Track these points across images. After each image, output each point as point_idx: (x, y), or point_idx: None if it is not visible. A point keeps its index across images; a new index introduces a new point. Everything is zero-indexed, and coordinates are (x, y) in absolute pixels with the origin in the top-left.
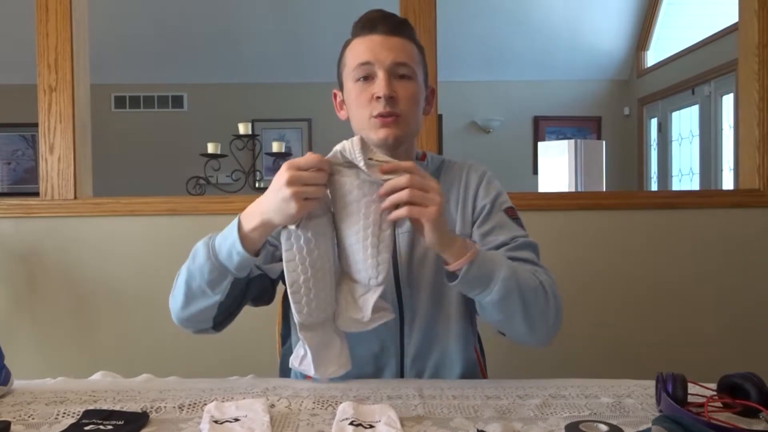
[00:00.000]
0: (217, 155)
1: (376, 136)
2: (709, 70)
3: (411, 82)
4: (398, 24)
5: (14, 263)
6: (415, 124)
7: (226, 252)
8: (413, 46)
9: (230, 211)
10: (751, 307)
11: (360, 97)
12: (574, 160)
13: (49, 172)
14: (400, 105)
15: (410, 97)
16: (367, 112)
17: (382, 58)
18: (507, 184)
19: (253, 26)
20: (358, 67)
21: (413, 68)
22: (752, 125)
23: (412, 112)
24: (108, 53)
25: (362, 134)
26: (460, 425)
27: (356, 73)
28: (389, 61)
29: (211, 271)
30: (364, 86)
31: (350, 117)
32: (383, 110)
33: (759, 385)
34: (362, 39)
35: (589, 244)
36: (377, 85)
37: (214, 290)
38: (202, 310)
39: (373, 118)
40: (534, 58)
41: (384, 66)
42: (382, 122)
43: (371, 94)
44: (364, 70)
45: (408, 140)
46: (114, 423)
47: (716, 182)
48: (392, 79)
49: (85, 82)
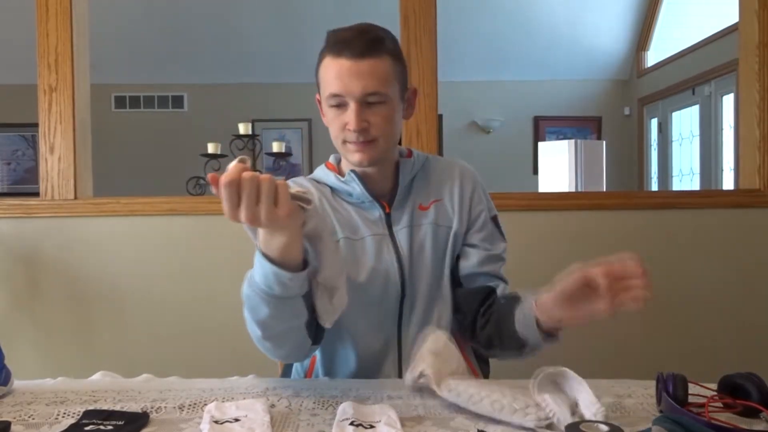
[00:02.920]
0: (217, 155)
1: (352, 159)
2: (710, 70)
3: (383, 107)
4: (368, 44)
5: (14, 263)
6: (392, 141)
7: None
8: (387, 60)
9: None
10: (751, 307)
11: (334, 123)
12: (574, 160)
13: (50, 172)
14: (372, 132)
15: (384, 122)
16: (341, 136)
17: (352, 89)
18: (507, 184)
19: (253, 26)
20: (330, 96)
21: (385, 92)
22: (752, 125)
23: (387, 133)
24: (108, 53)
25: (340, 153)
26: (460, 425)
27: (329, 100)
28: (359, 92)
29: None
30: (337, 112)
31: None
32: (356, 140)
33: (759, 385)
34: (332, 61)
35: (589, 244)
36: (348, 116)
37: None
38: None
39: (347, 143)
40: (534, 57)
41: (354, 98)
42: (357, 147)
43: (344, 122)
44: (336, 101)
45: (385, 155)
46: (114, 423)
47: (716, 182)
48: (363, 108)
49: (85, 82)
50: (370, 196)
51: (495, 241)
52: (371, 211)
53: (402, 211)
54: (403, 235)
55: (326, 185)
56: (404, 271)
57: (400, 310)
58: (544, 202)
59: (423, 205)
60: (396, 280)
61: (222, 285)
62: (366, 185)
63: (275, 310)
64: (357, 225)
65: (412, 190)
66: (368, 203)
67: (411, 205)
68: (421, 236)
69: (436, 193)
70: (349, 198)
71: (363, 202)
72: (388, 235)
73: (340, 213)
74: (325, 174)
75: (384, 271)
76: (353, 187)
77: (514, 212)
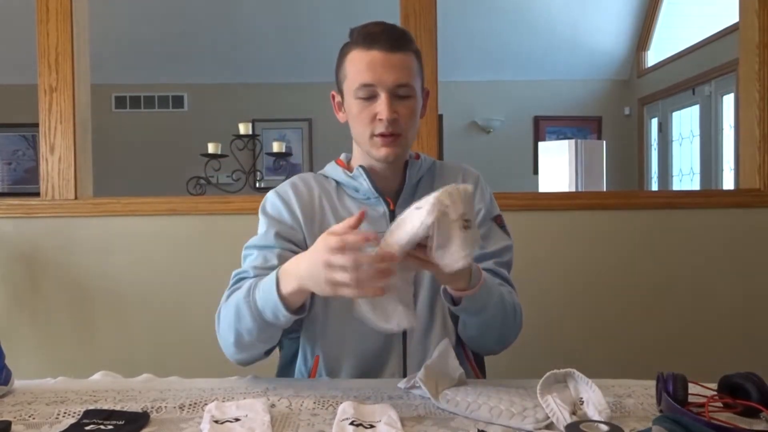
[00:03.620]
0: (217, 155)
1: (378, 154)
2: (710, 70)
3: (411, 100)
4: (399, 38)
5: (14, 263)
6: (413, 138)
7: (271, 314)
8: (413, 57)
9: (230, 211)
10: (751, 307)
11: (361, 115)
12: (575, 160)
13: (50, 172)
14: (400, 125)
15: (410, 116)
16: (368, 130)
17: (384, 79)
18: (507, 184)
19: (253, 26)
20: (361, 87)
21: (413, 86)
22: (753, 125)
23: (411, 129)
24: (108, 53)
25: (363, 148)
26: (460, 425)
27: (358, 92)
28: (391, 82)
29: (261, 331)
30: (365, 104)
31: (351, 128)
32: (385, 131)
33: (759, 385)
34: (363, 53)
35: (589, 244)
36: (379, 107)
37: (267, 343)
38: (258, 354)
39: (375, 137)
40: (534, 57)
41: (386, 88)
42: (384, 142)
43: (373, 113)
44: (367, 91)
45: (406, 152)
46: (114, 423)
47: (716, 182)
48: (393, 99)
49: (85, 82)
50: (376, 192)
51: (491, 240)
52: (376, 208)
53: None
54: None
55: (333, 180)
56: None
57: None
58: (544, 202)
59: None
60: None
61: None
62: (373, 181)
63: (258, 330)
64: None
65: (418, 191)
66: (374, 199)
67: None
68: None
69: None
70: (355, 194)
71: (369, 198)
72: None
73: (342, 210)
74: (333, 169)
75: None
76: (360, 183)
77: (514, 212)
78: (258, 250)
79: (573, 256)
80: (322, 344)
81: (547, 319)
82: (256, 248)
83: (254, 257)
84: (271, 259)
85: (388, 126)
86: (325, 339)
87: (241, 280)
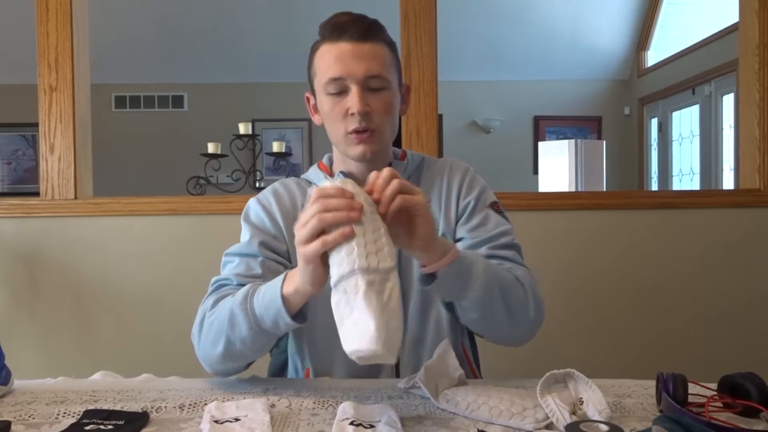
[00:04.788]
0: (217, 155)
1: (353, 152)
2: (710, 70)
3: (385, 93)
4: (368, 27)
5: (14, 263)
6: (391, 134)
7: (271, 322)
8: (384, 47)
9: (230, 211)
10: (751, 307)
11: (333, 112)
12: (575, 160)
13: (50, 172)
14: (374, 119)
15: (385, 110)
16: (342, 127)
17: (353, 70)
18: (507, 184)
19: (253, 26)
20: (330, 81)
21: (387, 77)
22: (752, 125)
23: (387, 124)
24: (108, 53)
25: (339, 148)
26: (460, 425)
27: (328, 86)
28: (361, 74)
29: (256, 339)
30: (336, 100)
31: (327, 129)
32: (358, 126)
33: (759, 385)
34: (331, 46)
35: (589, 244)
36: (350, 100)
37: (259, 352)
38: (240, 367)
39: (348, 135)
40: (534, 57)
41: (356, 80)
42: (359, 138)
43: (345, 109)
44: (337, 86)
45: (385, 150)
46: (114, 423)
47: (716, 182)
48: (365, 92)
49: (85, 82)
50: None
51: (484, 227)
52: None
53: None
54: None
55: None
56: None
57: None
58: (544, 202)
59: None
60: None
61: None
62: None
63: (253, 338)
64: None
65: None
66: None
67: None
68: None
69: (425, 195)
70: None
71: None
72: None
73: None
74: (315, 174)
75: None
76: None
77: (514, 212)
78: (240, 257)
79: (573, 256)
80: (311, 357)
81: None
82: (238, 256)
83: (236, 264)
84: (255, 267)
85: (360, 121)
86: (315, 352)
87: (222, 287)
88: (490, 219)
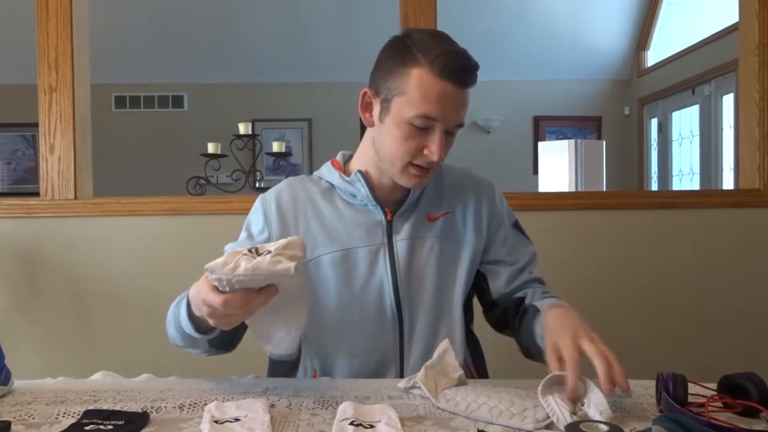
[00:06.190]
0: (217, 155)
1: (408, 182)
2: (709, 70)
3: (453, 137)
4: (472, 74)
5: (14, 263)
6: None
7: (186, 329)
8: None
9: (230, 211)
10: (751, 307)
11: (408, 142)
12: (574, 160)
13: (50, 172)
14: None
15: (448, 150)
16: (407, 157)
17: (448, 117)
18: (507, 184)
19: (253, 26)
20: (421, 116)
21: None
22: (752, 125)
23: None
24: (108, 53)
25: (386, 166)
26: (460, 425)
27: (416, 119)
28: (453, 122)
29: (185, 339)
30: (416, 133)
31: (380, 142)
32: (425, 164)
33: (759, 385)
34: (435, 80)
35: (589, 244)
36: (432, 143)
37: (197, 347)
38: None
39: (411, 166)
40: (534, 57)
41: (446, 126)
42: (420, 173)
43: (421, 146)
44: (425, 123)
45: None
46: (114, 423)
47: (716, 182)
48: (445, 136)
49: (85, 82)
50: (374, 200)
51: (519, 250)
52: (373, 216)
53: (405, 221)
54: (403, 247)
55: (328, 183)
56: (399, 284)
57: (400, 328)
58: (544, 202)
59: (431, 215)
60: (389, 293)
61: None
62: (372, 188)
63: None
64: (350, 231)
65: (422, 200)
66: (371, 206)
67: (417, 216)
68: (424, 251)
69: (447, 205)
70: (352, 199)
71: (366, 204)
72: (387, 244)
73: (332, 216)
74: (329, 172)
75: (377, 284)
76: (358, 188)
77: (514, 212)
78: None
79: (573, 256)
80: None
81: None
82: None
83: None
84: None
85: (431, 162)
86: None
87: None
88: (520, 241)
